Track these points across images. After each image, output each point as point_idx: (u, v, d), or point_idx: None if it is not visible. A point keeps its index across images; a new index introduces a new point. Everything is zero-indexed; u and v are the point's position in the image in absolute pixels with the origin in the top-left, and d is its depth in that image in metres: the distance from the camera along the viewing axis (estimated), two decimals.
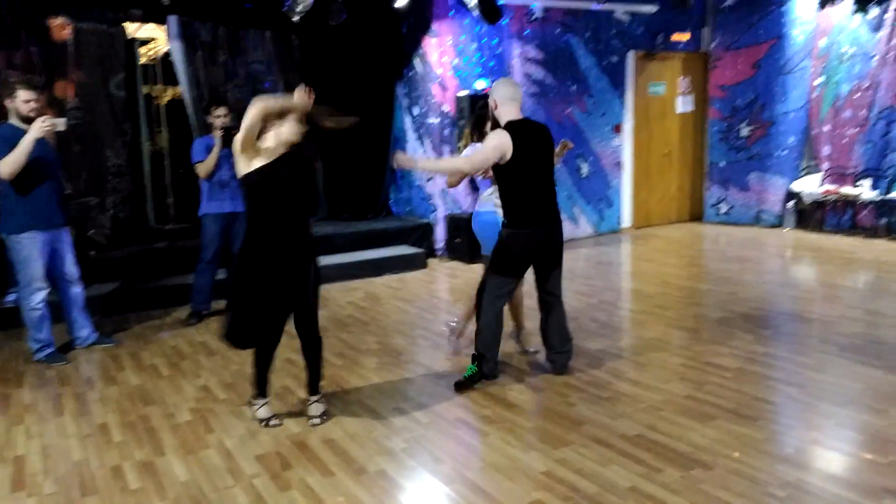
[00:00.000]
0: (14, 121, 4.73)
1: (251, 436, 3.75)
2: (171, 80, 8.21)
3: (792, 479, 3.10)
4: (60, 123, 4.74)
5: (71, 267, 5.15)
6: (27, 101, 4.69)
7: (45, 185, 4.85)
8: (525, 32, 8.44)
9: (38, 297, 4.94)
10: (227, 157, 5.84)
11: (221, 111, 5.86)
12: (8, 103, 4.73)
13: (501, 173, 4.13)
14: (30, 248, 4.84)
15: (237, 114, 7.85)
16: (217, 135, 5.83)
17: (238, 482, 3.26)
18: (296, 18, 6.93)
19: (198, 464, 3.45)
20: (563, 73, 8.83)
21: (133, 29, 7.79)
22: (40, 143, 4.69)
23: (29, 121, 4.63)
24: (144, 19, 7.71)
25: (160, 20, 7.61)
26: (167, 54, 8.11)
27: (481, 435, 3.68)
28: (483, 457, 3.44)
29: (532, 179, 4.17)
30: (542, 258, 4.31)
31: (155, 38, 8.19)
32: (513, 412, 3.93)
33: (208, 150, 5.87)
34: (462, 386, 4.27)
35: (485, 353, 4.29)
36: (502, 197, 4.23)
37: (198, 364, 4.94)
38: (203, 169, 5.85)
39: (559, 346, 4.46)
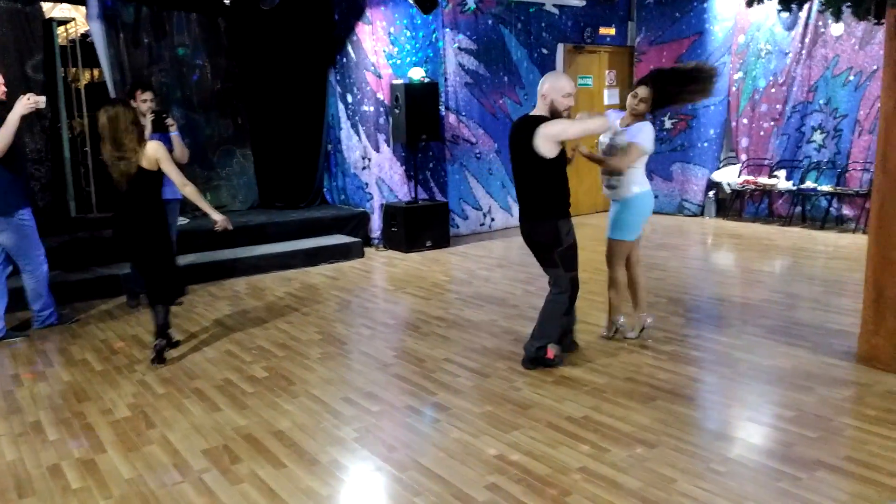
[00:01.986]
0: None
1: (195, 430, 3.66)
2: (91, 62, 7.87)
3: (731, 455, 3.25)
4: (42, 102, 4.88)
5: None
6: None
7: (25, 163, 5.24)
8: (459, 22, 8.47)
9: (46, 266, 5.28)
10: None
11: (147, 95, 5.71)
12: None
13: None
14: (31, 221, 5.16)
15: (161, 98, 7.71)
16: (147, 119, 5.65)
17: (186, 478, 3.18)
18: (227, 1, 6.73)
19: (142, 460, 3.35)
20: (496, 64, 8.91)
21: (49, 8, 7.41)
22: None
23: (2, 105, 4.87)
24: None
25: (79, 0, 7.27)
26: (86, 35, 7.76)
27: (432, 421, 3.70)
28: (435, 443, 3.46)
29: (515, 175, 4.41)
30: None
31: (73, 19, 7.82)
32: (461, 398, 3.97)
33: None
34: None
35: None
36: None
37: (132, 358, 4.77)
38: None
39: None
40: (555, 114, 4.17)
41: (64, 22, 7.74)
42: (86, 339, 5.20)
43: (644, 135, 4.43)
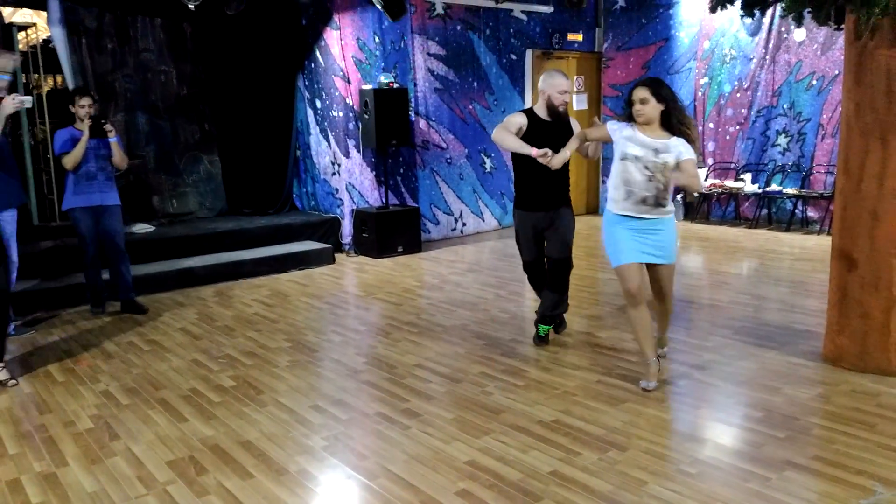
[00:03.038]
0: None
1: (160, 441, 3.58)
2: (54, 68, 7.72)
3: (701, 456, 3.26)
4: (28, 101, 4.91)
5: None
6: None
7: (9, 167, 5.19)
8: (427, 28, 8.47)
9: (14, 275, 5.17)
10: (94, 149, 5.65)
11: (86, 101, 5.68)
12: None
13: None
14: (12, 224, 5.17)
15: (127, 104, 7.59)
16: (84, 126, 5.62)
17: (151, 490, 3.11)
18: (192, 6, 6.66)
19: (104, 473, 3.26)
20: (465, 69, 8.92)
21: (9, 13, 7.26)
22: None
23: None
24: (21, 3, 7.20)
25: (40, 5, 7.13)
26: (48, 41, 7.62)
27: (402, 428, 3.67)
28: (406, 450, 3.42)
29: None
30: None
31: (34, 24, 7.67)
32: (432, 404, 3.94)
33: (74, 140, 5.62)
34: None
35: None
36: None
37: (95, 368, 4.67)
38: (70, 160, 5.61)
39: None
40: (551, 108, 4.60)
41: (24, 27, 7.59)
42: (48, 350, 5.07)
43: (689, 147, 3.97)
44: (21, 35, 7.54)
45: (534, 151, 4.32)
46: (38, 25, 7.68)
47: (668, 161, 3.92)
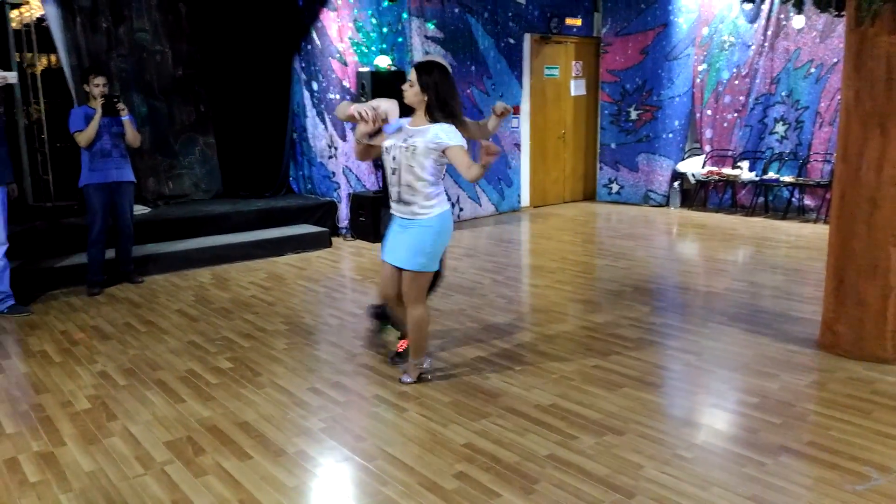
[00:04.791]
0: None
1: (158, 422, 3.58)
2: (46, 47, 7.64)
3: (697, 441, 3.28)
4: (11, 77, 5.02)
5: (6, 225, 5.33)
6: None
7: None
8: (425, 10, 8.41)
9: (1, 251, 5.22)
10: (107, 127, 5.73)
11: (101, 80, 5.82)
12: None
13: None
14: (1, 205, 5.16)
15: (121, 84, 7.53)
16: (97, 104, 5.76)
17: (148, 470, 3.11)
18: None
19: (102, 453, 3.26)
20: (463, 53, 8.87)
21: None
22: None
23: None
24: None
25: None
26: (41, 19, 7.53)
27: (399, 411, 3.68)
28: (403, 432, 3.44)
29: None
30: None
31: (27, 2, 7.57)
32: (429, 387, 3.94)
33: (87, 118, 5.77)
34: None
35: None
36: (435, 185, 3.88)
37: (92, 349, 4.66)
38: (83, 138, 5.75)
39: None
40: None
41: (17, 5, 7.48)
42: (44, 330, 5.06)
43: (455, 134, 3.67)
44: (14, 13, 7.44)
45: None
46: (32, 3, 7.58)
47: (417, 145, 3.60)
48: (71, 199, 7.38)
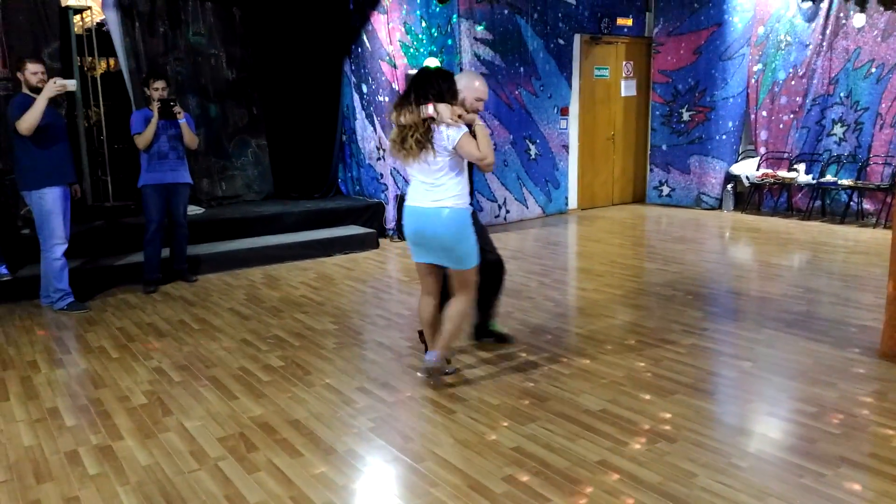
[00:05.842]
0: (26, 91, 5.26)
1: (212, 418, 3.65)
2: (106, 51, 7.88)
3: (752, 450, 3.20)
4: (71, 84, 5.22)
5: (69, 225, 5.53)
6: (35, 73, 5.23)
7: (60, 144, 5.38)
8: (475, 12, 8.41)
9: (59, 251, 5.42)
10: (164, 129, 5.90)
11: (160, 84, 6.02)
12: (19, 76, 5.32)
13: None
14: (52, 203, 5.31)
15: (177, 87, 7.71)
16: (155, 107, 5.95)
17: (203, 465, 3.17)
18: None
19: (158, 447, 3.34)
20: (512, 54, 8.85)
21: None
22: (52, 108, 5.29)
23: (38, 90, 5.15)
24: None
25: None
26: (102, 24, 7.77)
27: (448, 413, 3.68)
28: (452, 434, 3.43)
29: None
30: None
31: (89, 7, 7.82)
32: (478, 390, 3.94)
33: (147, 121, 5.96)
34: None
35: None
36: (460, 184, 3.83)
37: (148, 346, 4.78)
38: (142, 141, 5.94)
39: None
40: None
41: (80, 10, 7.74)
42: (102, 327, 5.21)
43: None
44: (76, 18, 7.70)
45: (430, 111, 3.69)
46: (93, 9, 7.83)
47: None
48: (128, 200, 7.60)
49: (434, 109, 3.64)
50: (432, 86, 3.69)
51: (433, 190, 3.77)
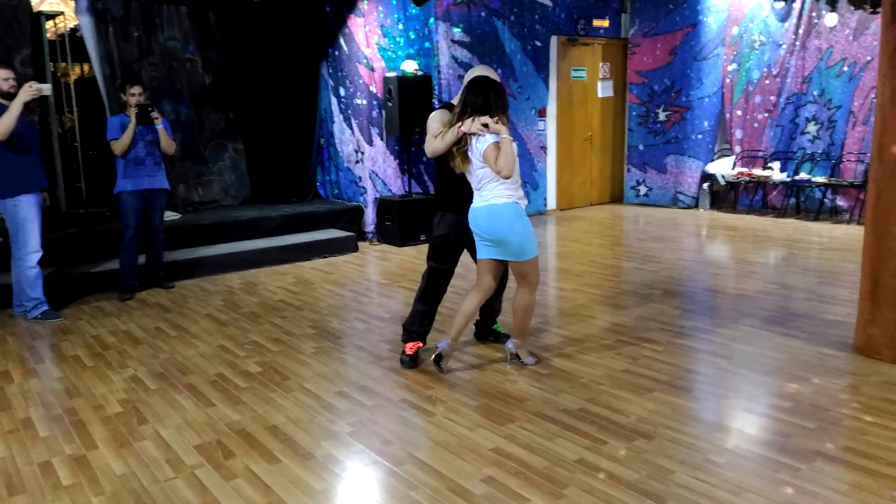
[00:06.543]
0: None
1: (188, 425, 3.61)
2: (81, 57, 7.78)
3: (729, 446, 3.23)
4: (46, 88, 5.19)
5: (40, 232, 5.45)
6: (7, 79, 5.19)
7: (33, 152, 5.33)
8: (452, 14, 8.42)
9: (34, 259, 5.37)
10: (142, 135, 5.85)
11: (136, 89, 5.97)
12: None
13: None
14: (27, 210, 5.27)
15: (152, 92, 7.64)
16: (132, 112, 5.89)
17: (179, 473, 3.14)
18: None
19: (133, 456, 3.30)
20: (489, 56, 8.86)
21: (38, 2, 7.31)
22: (24, 115, 5.20)
23: (9, 96, 5.10)
24: None
25: None
26: (75, 30, 7.68)
27: (427, 415, 3.67)
28: (431, 436, 3.43)
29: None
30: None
31: (62, 13, 7.73)
32: (456, 392, 3.93)
33: (123, 127, 5.91)
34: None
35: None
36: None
37: (123, 354, 4.72)
38: (119, 146, 5.88)
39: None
40: None
41: (52, 16, 7.64)
42: (77, 335, 5.14)
43: None
44: (49, 24, 7.60)
45: (462, 128, 3.91)
46: (66, 14, 7.74)
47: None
48: (103, 206, 7.52)
49: (469, 125, 3.88)
50: (478, 97, 3.93)
51: (481, 193, 4.01)
